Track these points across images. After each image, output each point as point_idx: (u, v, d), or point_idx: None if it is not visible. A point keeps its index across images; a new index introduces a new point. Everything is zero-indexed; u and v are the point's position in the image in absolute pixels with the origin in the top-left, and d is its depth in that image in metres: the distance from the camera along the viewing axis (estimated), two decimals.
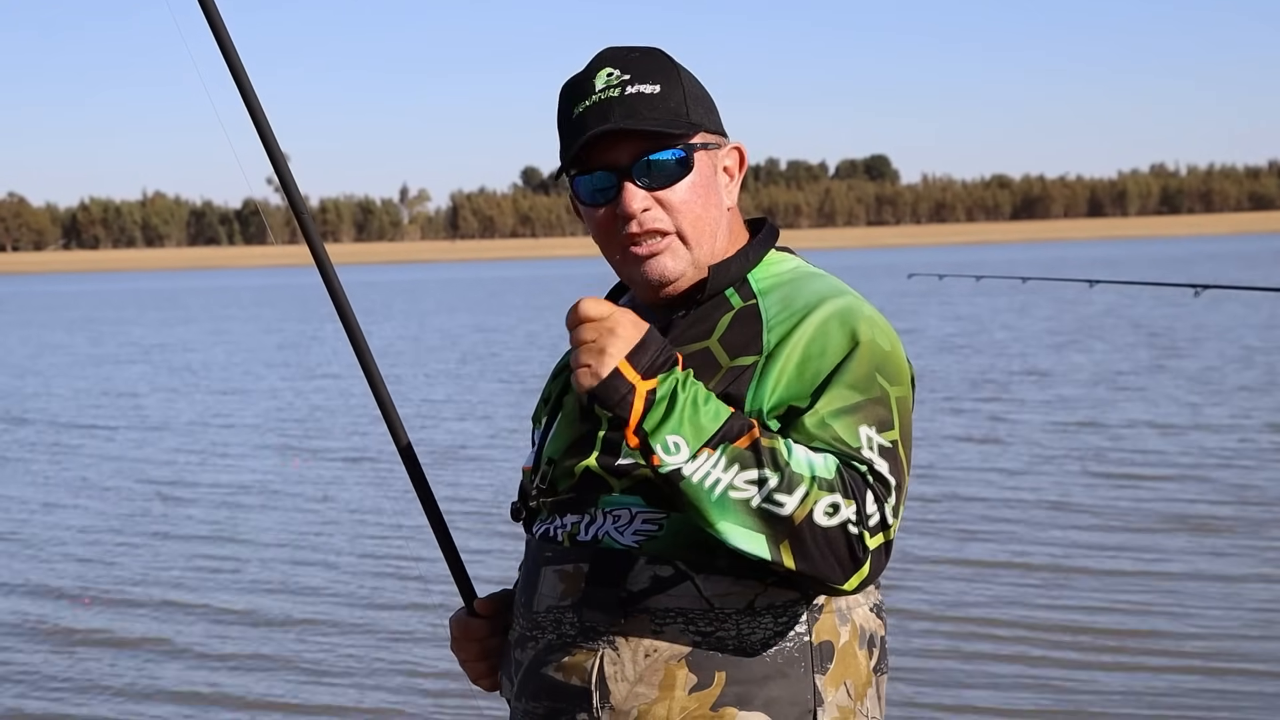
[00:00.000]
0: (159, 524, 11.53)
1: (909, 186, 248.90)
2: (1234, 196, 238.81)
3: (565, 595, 2.10)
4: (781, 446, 1.93)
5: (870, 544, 1.93)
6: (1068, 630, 7.78)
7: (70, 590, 9.34)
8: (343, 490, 12.85)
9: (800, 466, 1.92)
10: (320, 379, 23.28)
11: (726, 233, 2.19)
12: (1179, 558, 9.26)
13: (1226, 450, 13.22)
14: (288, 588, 9.31)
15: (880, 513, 1.95)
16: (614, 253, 2.18)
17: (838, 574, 1.94)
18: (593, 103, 2.11)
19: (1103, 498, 11.22)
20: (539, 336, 32.12)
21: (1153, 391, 17.97)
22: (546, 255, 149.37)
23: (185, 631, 8.35)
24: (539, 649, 2.13)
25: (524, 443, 14.84)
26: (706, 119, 2.17)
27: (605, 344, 1.92)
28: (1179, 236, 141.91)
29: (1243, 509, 10.63)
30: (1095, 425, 15.12)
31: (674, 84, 2.14)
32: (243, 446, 15.88)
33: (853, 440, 1.98)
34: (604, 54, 2.17)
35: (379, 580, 9.39)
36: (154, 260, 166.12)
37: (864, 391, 2.02)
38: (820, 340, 2.05)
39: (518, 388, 20.97)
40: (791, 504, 1.90)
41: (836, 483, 1.92)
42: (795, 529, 1.91)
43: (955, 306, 37.47)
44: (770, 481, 1.90)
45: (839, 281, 2.18)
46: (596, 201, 2.15)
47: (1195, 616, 7.94)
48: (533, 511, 2.21)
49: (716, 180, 2.18)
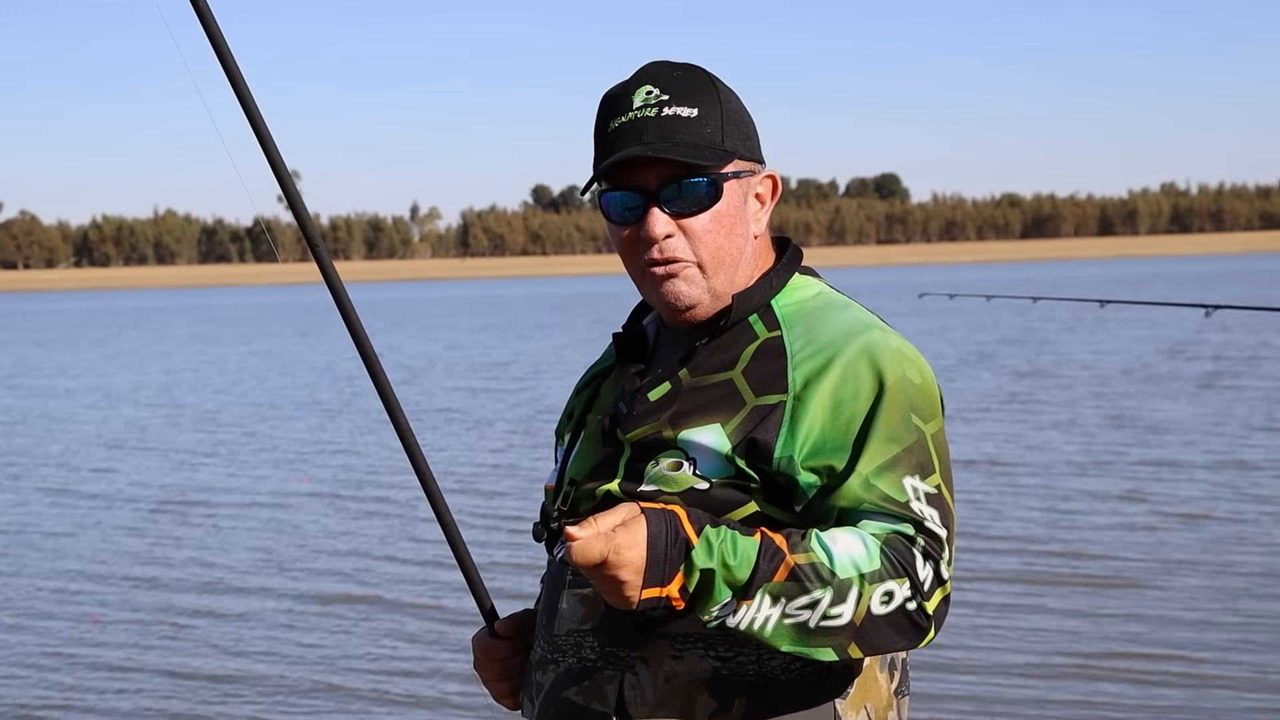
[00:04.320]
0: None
1: (919, 205, 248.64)
2: (1245, 215, 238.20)
3: (585, 619, 2.11)
4: (820, 555, 1.93)
5: (930, 608, 1.96)
6: (1093, 653, 7.74)
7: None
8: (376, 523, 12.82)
9: (845, 569, 1.92)
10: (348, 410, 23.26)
11: (751, 259, 2.18)
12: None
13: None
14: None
15: (934, 571, 1.97)
16: (635, 270, 2.18)
17: (905, 646, 1.98)
18: (629, 119, 2.11)
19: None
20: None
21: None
22: (557, 273, 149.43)
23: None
24: (559, 672, 2.13)
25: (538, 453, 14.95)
26: (742, 145, 2.15)
27: (618, 586, 1.91)
28: (1190, 255, 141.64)
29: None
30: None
31: (712, 108, 2.12)
32: (263, 465, 15.87)
33: (899, 495, 1.99)
34: (647, 69, 2.16)
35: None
36: (165, 278, 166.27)
37: (901, 440, 2.01)
38: (851, 383, 2.03)
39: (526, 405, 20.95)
40: (848, 612, 1.92)
41: (884, 568, 1.93)
42: (857, 629, 1.93)
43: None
44: (822, 601, 1.92)
45: (863, 311, 2.16)
46: (623, 220, 2.15)
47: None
48: (554, 533, 2.20)
49: (745, 209, 2.16)
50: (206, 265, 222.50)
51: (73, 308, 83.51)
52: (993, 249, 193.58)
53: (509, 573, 9.73)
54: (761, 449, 2.02)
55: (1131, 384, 21.41)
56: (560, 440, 2.31)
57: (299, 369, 30.07)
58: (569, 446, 2.24)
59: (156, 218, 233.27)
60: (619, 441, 2.11)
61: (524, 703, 2.25)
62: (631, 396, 2.14)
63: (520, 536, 10.92)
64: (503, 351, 33.81)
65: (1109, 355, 26.55)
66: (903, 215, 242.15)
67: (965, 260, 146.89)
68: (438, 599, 9.32)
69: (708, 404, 2.07)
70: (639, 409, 2.12)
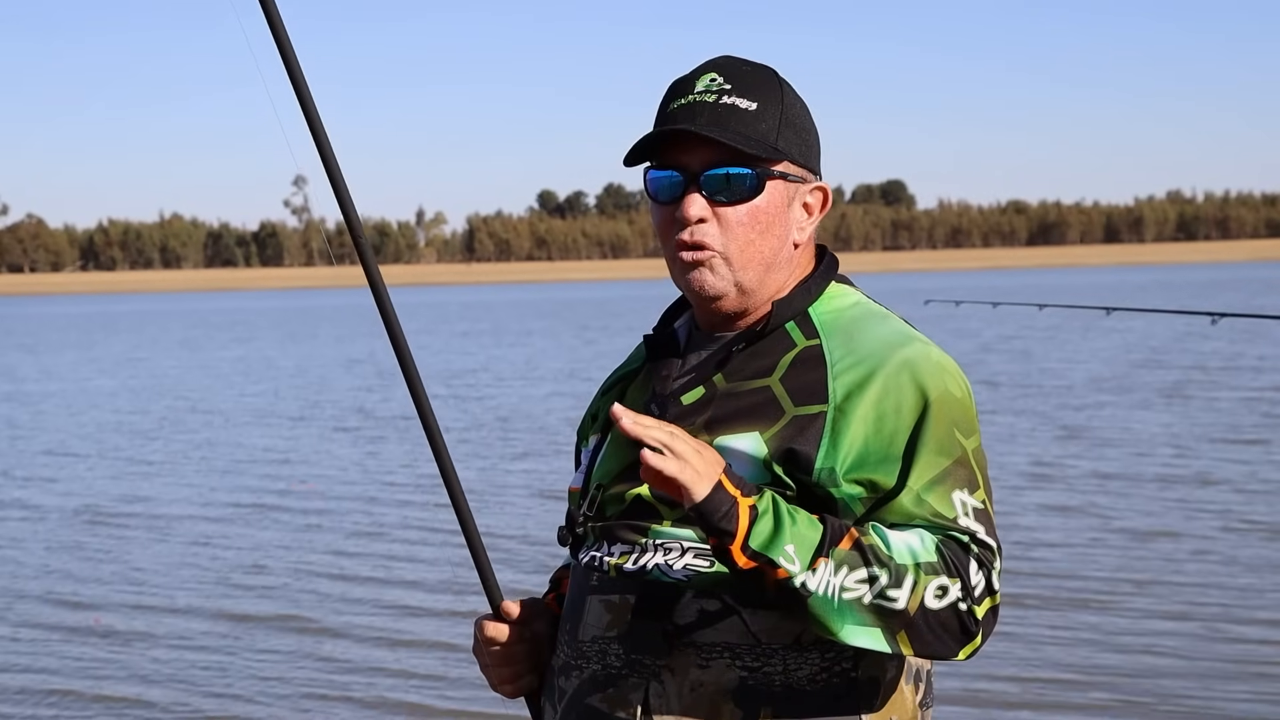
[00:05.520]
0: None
1: (925, 212, 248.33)
2: (1251, 223, 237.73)
3: (611, 626, 2.09)
4: (878, 539, 1.95)
5: (979, 614, 1.97)
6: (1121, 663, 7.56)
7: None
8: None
9: (903, 556, 1.94)
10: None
11: (788, 264, 2.16)
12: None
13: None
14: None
15: (986, 579, 1.98)
16: (667, 253, 2.16)
17: (953, 650, 1.98)
18: (686, 102, 2.10)
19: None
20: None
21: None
22: (562, 278, 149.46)
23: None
24: (583, 679, 2.11)
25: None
26: (796, 149, 2.14)
27: (700, 460, 1.90)
28: (1196, 263, 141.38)
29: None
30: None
31: (773, 106, 2.12)
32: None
33: (949, 511, 2.00)
34: (717, 60, 2.15)
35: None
36: (171, 282, 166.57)
37: (948, 454, 2.02)
38: (894, 396, 2.03)
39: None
40: (903, 596, 1.93)
41: (939, 563, 1.95)
42: (910, 619, 1.94)
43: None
44: (881, 578, 1.92)
45: (902, 323, 2.15)
46: (661, 199, 2.13)
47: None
48: (579, 537, 2.18)
49: (788, 213, 2.14)
50: (213, 269, 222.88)
51: (74, 311, 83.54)
52: (999, 256, 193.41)
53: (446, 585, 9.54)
54: (802, 460, 2.01)
55: (1099, 394, 21.18)
56: (584, 442, 2.28)
57: (271, 375, 29.88)
58: (595, 448, 2.22)
59: (162, 221, 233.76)
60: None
61: (545, 708, 2.22)
62: (664, 399, 2.13)
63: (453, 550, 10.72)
64: (475, 359, 33.50)
65: (1080, 364, 26.29)
66: (908, 222, 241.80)
67: (971, 267, 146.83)
68: (376, 623, 9.12)
69: (745, 410, 2.06)
70: (672, 412, 2.10)
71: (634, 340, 2.33)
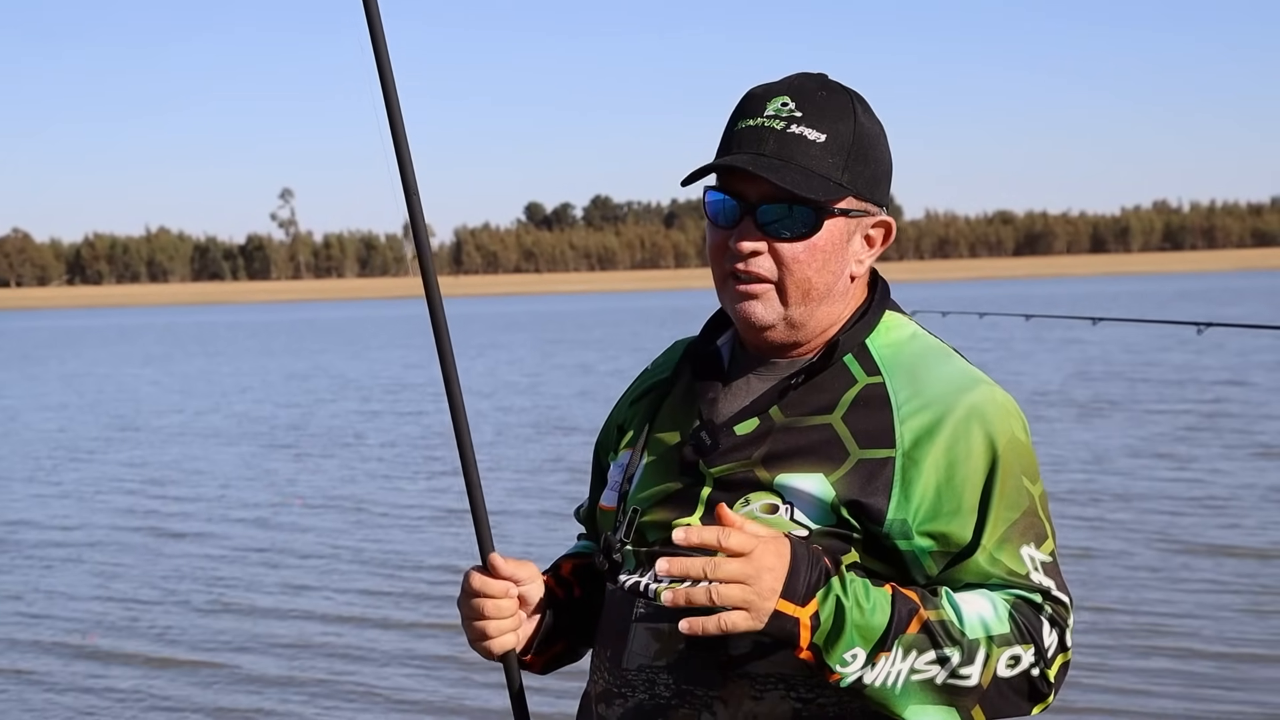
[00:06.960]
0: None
1: (912, 222, 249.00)
2: (1237, 233, 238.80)
3: (660, 655, 2.04)
4: (950, 614, 1.91)
5: (1052, 675, 1.96)
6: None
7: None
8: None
9: (975, 630, 1.91)
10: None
11: (842, 295, 2.10)
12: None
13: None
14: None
15: (1059, 638, 1.97)
16: (717, 276, 2.11)
17: (1025, 711, 1.97)
18: (754, 125, 2.04)
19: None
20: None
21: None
22: (550, 290, 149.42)
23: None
24: (629, 707, 2.06)
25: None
26: (862, 183, 2.06)
27: (758, 586, 1.84)
28: (1182, 273, 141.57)
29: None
30: None
31: (843, 137, 2.04)
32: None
33: (1020, 568, 1.98)
34: (793, 79, 2.08)
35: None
36: (158, 295, 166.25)
37: (1017, 507, 2.00)
38: (963, 443, 1.99)
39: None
40: (975, 673, 1.90)
41: (1012, 633, 1.93)
42: (983, 693, 1.92)
43: None
44: (952, 659, 1.90)
45: (963, 361, 2.10)
46: (717, 223, 2.08)
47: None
48: (616, 564, 2.12)
49: (846, 247, 2.08)
50: (200, 283, 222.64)
51: (56, 325, 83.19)
52: (985, 266, 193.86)
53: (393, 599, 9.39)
54: (873, 512, 1.97)
55: (1044, 407, 21.03)
56: (610, 455, 2.22)
57: (216, 392, 29.42)
58: (630, 466, 2.15)
59: (149, 235, 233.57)
60: (699, 474, 2.05)
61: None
62: (715, 428, 2.06)
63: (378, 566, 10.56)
64: (425, 372, 32.63)
65: (1025, 376, 26.00)
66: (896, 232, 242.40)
67: (958, 277, 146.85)
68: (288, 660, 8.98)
69: (807, 449, 2.01)
70: (725, 442, 2.04)
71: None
